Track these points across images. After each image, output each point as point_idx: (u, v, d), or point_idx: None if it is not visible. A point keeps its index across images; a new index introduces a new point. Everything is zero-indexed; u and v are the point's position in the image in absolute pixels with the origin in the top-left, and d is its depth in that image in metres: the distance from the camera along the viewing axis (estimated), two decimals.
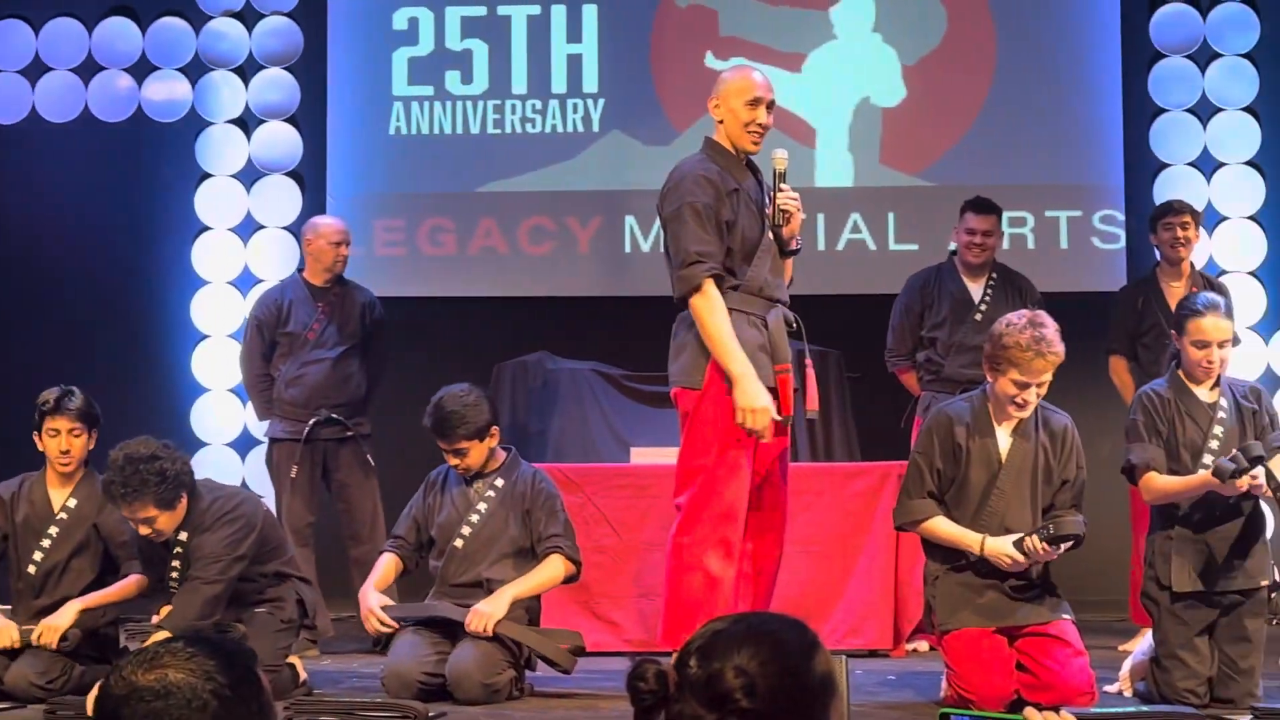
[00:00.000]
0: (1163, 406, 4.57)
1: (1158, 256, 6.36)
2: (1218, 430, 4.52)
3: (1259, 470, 4.25)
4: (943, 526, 4.43)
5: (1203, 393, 4.58)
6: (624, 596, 5.72)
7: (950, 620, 4.44)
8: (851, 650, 5.66)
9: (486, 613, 4.62)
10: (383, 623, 4.70)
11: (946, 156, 7.66)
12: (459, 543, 4.85)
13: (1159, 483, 4.49)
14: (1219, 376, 4.60)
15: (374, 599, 4.74)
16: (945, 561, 4.48)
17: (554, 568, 4.78)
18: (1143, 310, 6.22)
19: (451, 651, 4.67)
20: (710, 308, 4.36)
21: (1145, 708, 4.17)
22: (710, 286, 4.37)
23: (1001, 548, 4.32)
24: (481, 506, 4.88)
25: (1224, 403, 4.57)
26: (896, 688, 4.93)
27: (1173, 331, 4.73)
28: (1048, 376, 4.37)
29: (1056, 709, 3.85)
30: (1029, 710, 1.99)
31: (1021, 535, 4.34)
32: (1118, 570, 6.31)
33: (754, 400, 4.29)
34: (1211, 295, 4.75)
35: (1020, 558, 4.29)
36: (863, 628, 5.81)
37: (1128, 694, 4.65)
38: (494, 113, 7.65)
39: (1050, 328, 4.37)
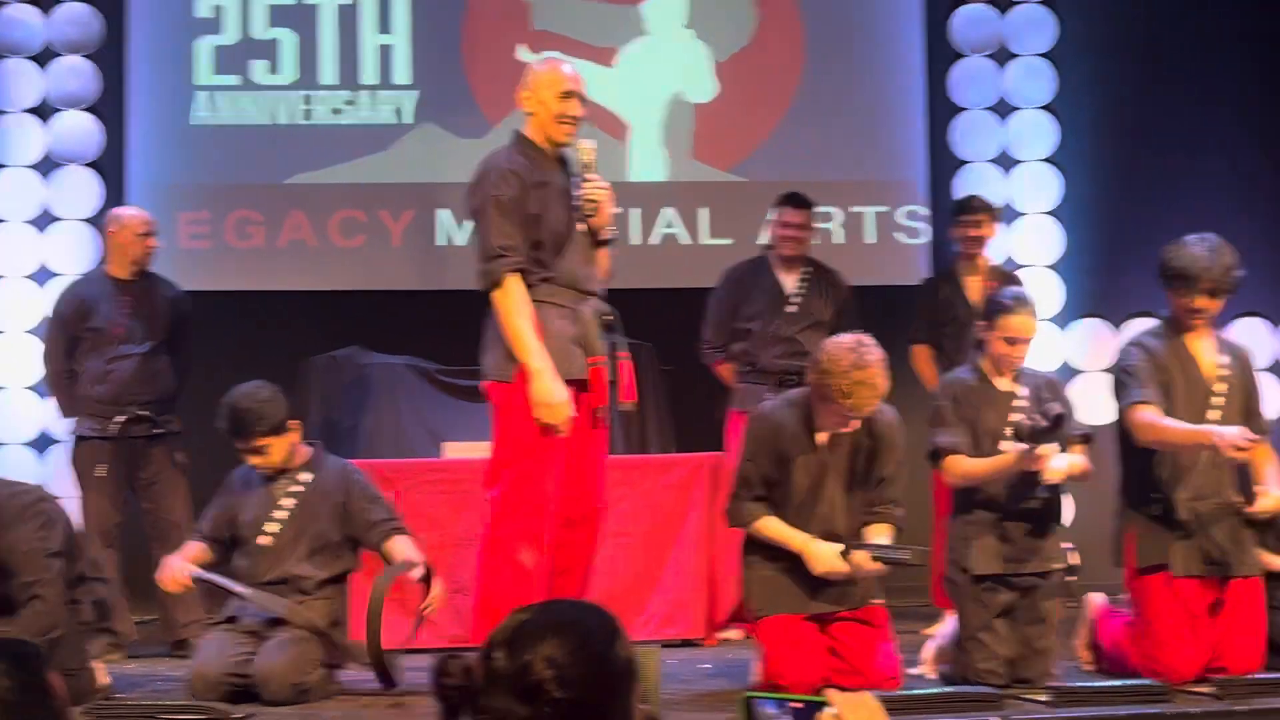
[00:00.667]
0: (966, 394, 4.70)
1: (957, 250, 6.55)
2: (1016, 419, 4.66)
3: (1048, 449, 4.40)
4: (770, 528, 4.48)
5: (1003, 383, 4.73)
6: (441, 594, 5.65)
7: (764, 607, 4.50)
8: (666, 640, 5.70)
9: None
10: (184, 580, 4.62)
11: (758, 152, 7.76)
12: (265, 540, 4.76)
13: (963, 465, 4.62)
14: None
15: (178, 560, 4.68)
16: (761, 550, 4.53)
17: (410, 547, 4.73)
18: (943, 302, 6.40)
19: (259, 651, 4.57)
20: (510, 302, 4.35)
21: (948, 689, 4.28)
22: (511, 281, 4.35)
23: (827, 557, 4.36)
24: (287, 503, 4.79)
25: (1023, 392, 4.71)
26: (710, 676, 4.98)
27: (981, 323, 4.83)
28: (872, 408, 4.42)
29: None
30: (830, 691, 2.02)
31: (849, 546, 4.39)
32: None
33: (550, 396, 4.29)
34: (1023, 291, 4.88)
35: (844, 569, 4.34)
36: (677, 617, 5.86)
37: (931, 677, 4.76)
38: (303, 103, 7.51)
39: (875, 364, 4.36)
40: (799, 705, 2.01)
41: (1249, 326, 7.97)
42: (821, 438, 4.51)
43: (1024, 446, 4.42)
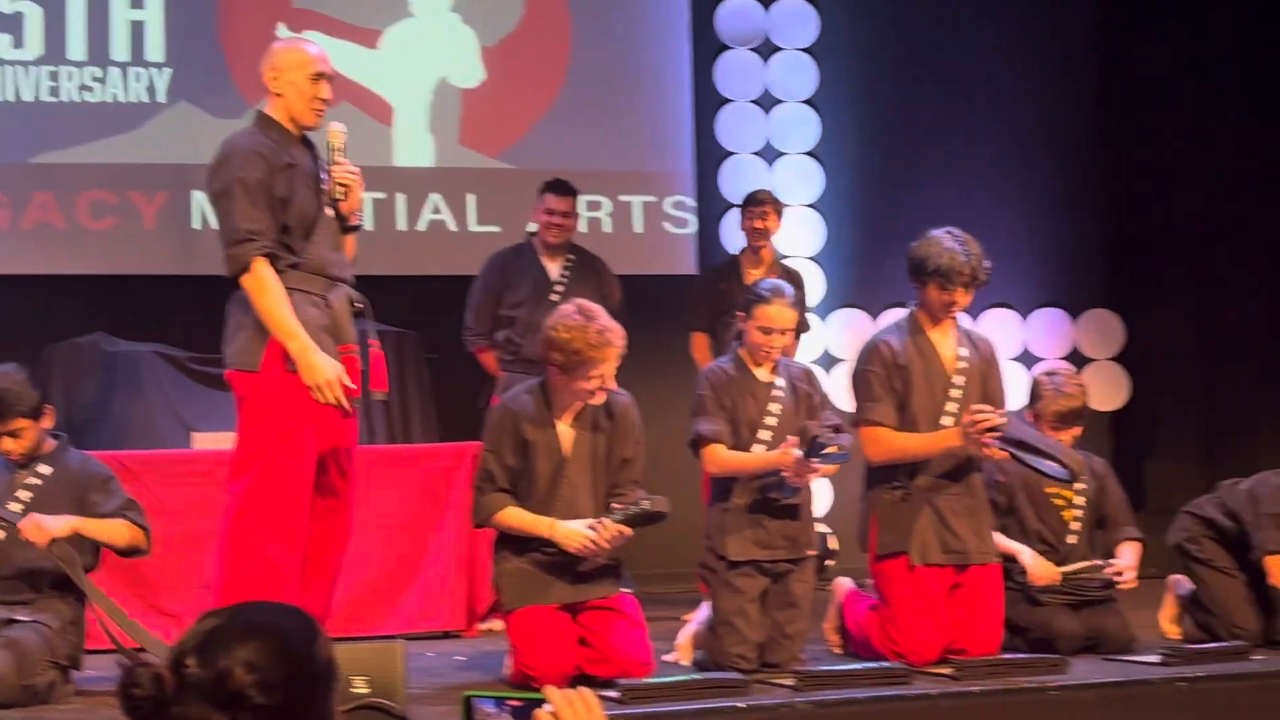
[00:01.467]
0: (726, 384, 4.74)
1: (744, 243, 6.65)
2: (775, 409, 4.73)
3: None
4: (513, 516, 4.45)
5: (761, 373, 4.78)
6: (186, 589, 5.47)
7: (515, 600, 4.47)
8: (425, 632, 5.64)
9: (43, 523, 4.37)
10: None
11: (526, 140, 7.72)
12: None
13: (722, 456, 4.66)
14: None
15: None
16: (511, 544, 4.51)
17: (121, 528, 4.56)
18: (723, 292, 6.47)
19: None
20: (262, 286, 4.22)
21: (696, 675, 4.31)
22: (260, 265, 4.22)
23: (575, 534, 4.36)
24: (24, 495, 4.57)
25: (780, 383, 4.78)
26: (464, 669, 4.93)
27: (740, 314, 4.88)
28: (615, 364, 4.43)
29: (611, 681, 3.96)
30: (548, 689, 2.00)
31: (594, 521, 4.39)
32: (688, 544, 6.51)
33: (322, 373, 4.18)
34: (778, 282, 4.92)
35: (589, 540, 4.34)
36: (437, 609, 5.79)
37: (685, 662, 4.80)
38: (49, 80, 7.18)
39: (601, 313, 4.42)
40: (517, 703, 2.00)
41: (999, 318, 8.25)
42: (561, 422, 4.50)
43: (798, 453, 4.48)
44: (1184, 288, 8.41)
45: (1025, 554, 4.98)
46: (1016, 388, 6.88)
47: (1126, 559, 5.06)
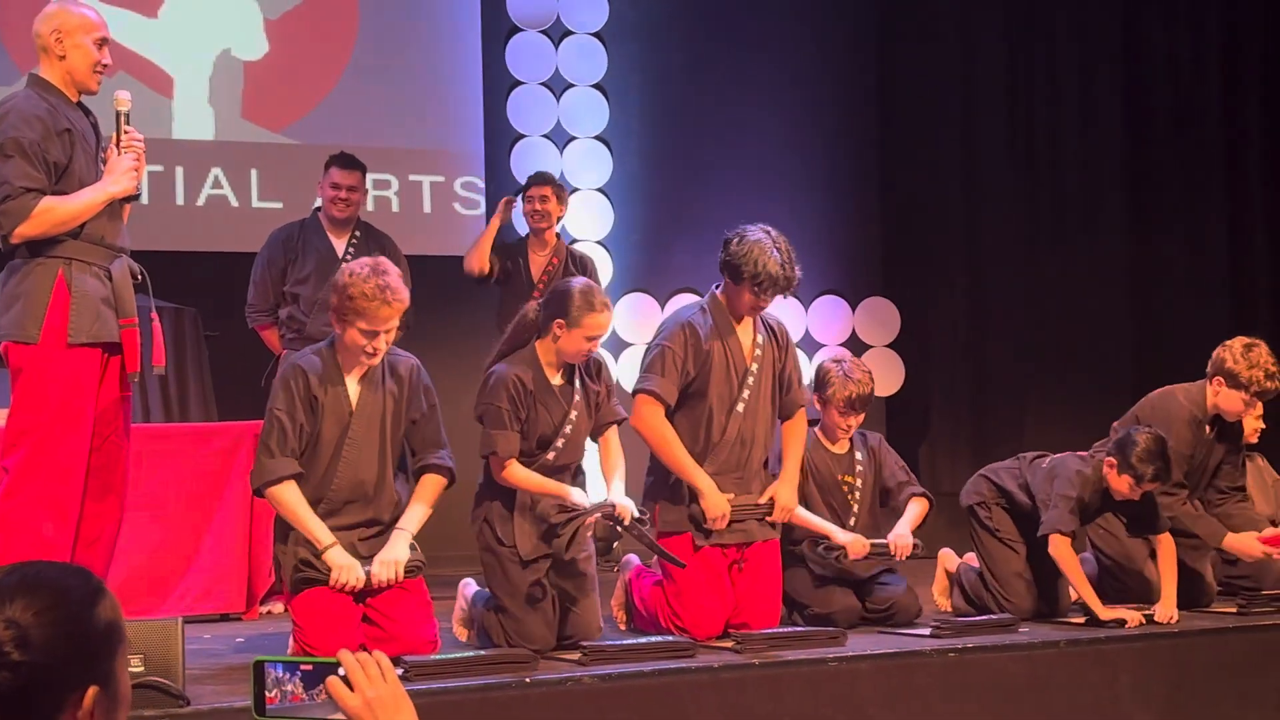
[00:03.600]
0: (524, 396, 4.59)
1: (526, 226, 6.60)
2: (572, 416, 4.63)
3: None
4: (293, 499, 4.31)
5: (558, 379, 4.68)
6: None
7: (299, 579, 4.38)
8: (203, 615, 5.51)
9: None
10: None
11: (312, 115, 7.60)
12: None
13: (520, 475, 4.52)
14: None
15: None
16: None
17: None
18: (507, 274, 6.44)
19: None
20: (47, 220, 4.08)
21: (484, 652, 4.30)
22: (37, 203, 4.07)
23: (347, 565, 4.25)
24: None
25: (577, 386, 4.70)
26: (243, 650, 4.83)
27: (559, 320, 4.59)
28: (395, 322, 4.37)
29: (397, 659, 3.92)
30: (342, 652, 1.98)
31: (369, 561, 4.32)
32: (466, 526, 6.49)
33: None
34: (594, 285, 4.72)
35: (357, 581, 4.26)
36: (215, 591, 5.66)
37: (463, 639, 4.77)
38: None
39: (394, 274, 4.35)
40: (308, 667, 1.96)
41: (781, 304, 8.40)
42: (349, 381, 4.43)
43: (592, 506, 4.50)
44: (955, 277, 8.73)
45: (838, 532, 5.11)
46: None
47: (906, 518, 5.24)
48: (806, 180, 8.47)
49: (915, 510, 5.29)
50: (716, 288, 4.96)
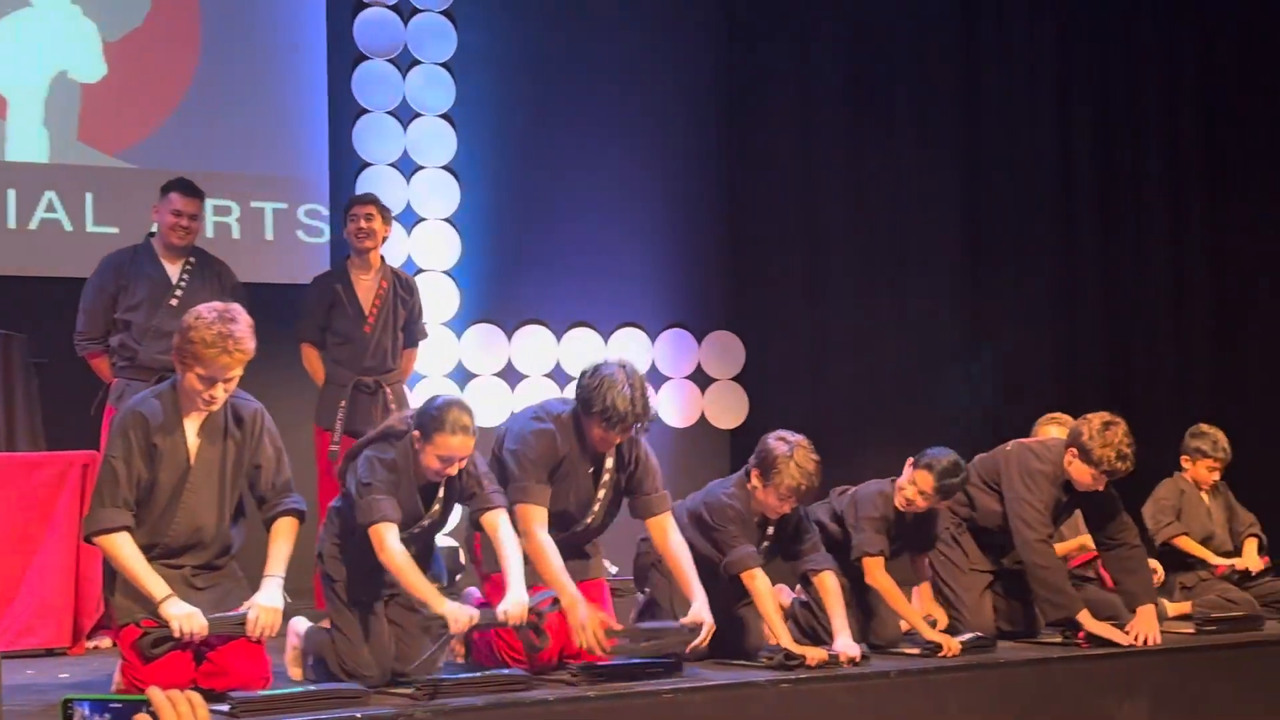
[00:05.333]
0: (397, 482, 4.49)
1: (349, 250, 6.50)
2: (435, 509, 4.63)
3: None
4: (126, 551, 4.17)
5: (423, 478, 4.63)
6: None
7: (128, 614, 4.27)
8: (26, 650, 5.34)
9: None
10: None
11: (151, 139, 7.46)
12: None
13: (391, 549, 4.38)
14: None
15: None
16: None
17: None
18: (332, 300, 6.36)
19: None
20: None
21: (315, 687, 4.23)
22: None
23: (182, 617, 4.10)
24: None
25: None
26: (68, 686, 4.70)
27: (417, 433, 4.45)
28: (237, 372, 4.27)
29: (227, 693, 3.85)
30: (151, 690, 1.94)
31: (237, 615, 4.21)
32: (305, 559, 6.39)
33: None
34: (458, 404, 4.50)
35: (196, 631, 4.14)
36: (39, 625, 5.48)
37: (296, 678, 4.68)
38: None
39: (241, 324, 4.22)
40: (118, 705, 1.93)
41: (629, 336, 8.47)
42: (189, 428, 4.33)
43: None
44: (797, 311, 8.86)
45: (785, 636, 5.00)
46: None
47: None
48: (654, 213, 8.54)
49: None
50: (568, 410, 4.85)
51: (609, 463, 4.86)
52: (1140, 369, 9.47)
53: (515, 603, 4.38)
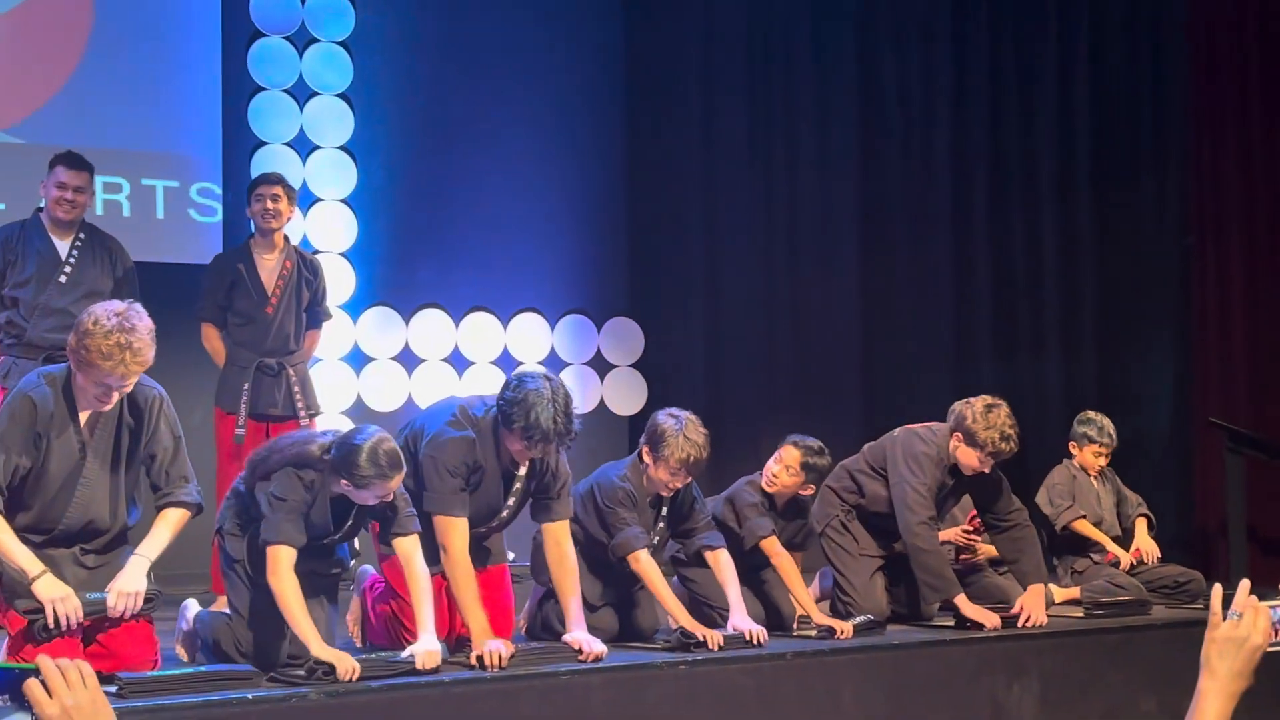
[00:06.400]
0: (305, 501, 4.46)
1: (252, 228, 6.40)
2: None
3: None
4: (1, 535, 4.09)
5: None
6: None
7: (14, 596, 4.18)
8: None
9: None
10: None
11: (38, 114, 7.29)
12: None
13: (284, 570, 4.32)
14: None
15: None
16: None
17: None
18: (233, 279, 6.25)
19: None
20: None
21: (206, 669, 4.16)
22: None
23: (58, 598, 4.03)
24: None
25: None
26: None
27: (345, 481, 4.30)
28: (131, 380, 4.17)
29: (114, 675, 3.77)
30: (41, 658, 1.91)
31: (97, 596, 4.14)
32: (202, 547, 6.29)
33: None
34: (391, 459, 4.32)
35: (71, 612, 4.06)
36: None
37: (185, 660, 4.61)
38: None
39: (141, 331, 4.09)
40: (7, 673, 1.89)
41: (528, 322, 8.44)
42: (82, 418, 4.23)
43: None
44: (695, 297, 8.88)
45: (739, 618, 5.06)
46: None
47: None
48: (554, 198, 8.51)
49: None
50: (490, 412, 4.75)
51: (521, 470, 4.82)
52: (1027, 356, 9.59)
53: (428, 652, 4.27)
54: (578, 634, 4.61)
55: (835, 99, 9.24)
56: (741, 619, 5.00)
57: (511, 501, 4.84)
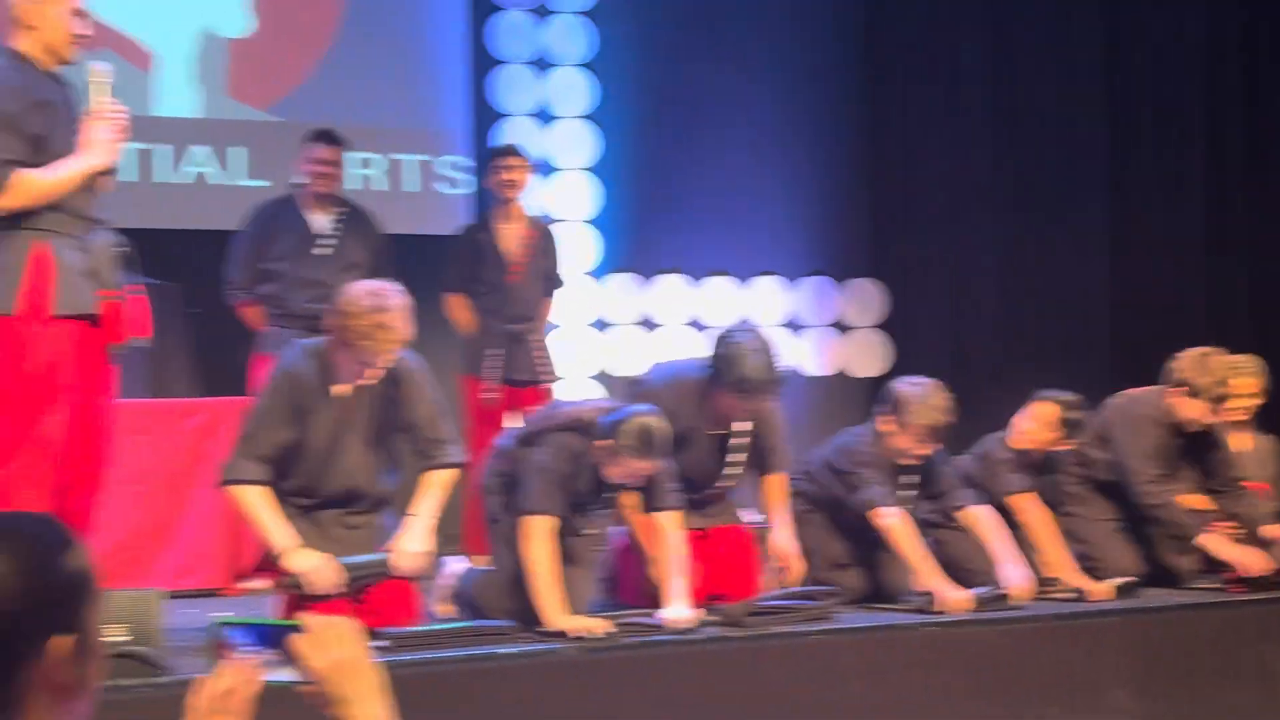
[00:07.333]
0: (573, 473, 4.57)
1: (492, 200, 6.56)
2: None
3: None
4: (256, 502, 4.27)
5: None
6: None
7: (281, 574, 4.37)
8: (183, 590, 5.49)
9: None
10: None
11: (297, 93, 7.57)
12: None
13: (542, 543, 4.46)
14: None
15: None
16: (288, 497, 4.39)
17: None
18: (477, 250, 6.42)
19: None
20: (23, 192, 4.04)
21: (467, 624, 4.29)
22: (15, 176, 4.03)
23: (312, 570, 4.20)
24: None
25: None
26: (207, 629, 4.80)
27: (607, 441, 4.41)
28: (393, 353, 4.32)
29: (380, 631, 3.91)
30: (305, 615, 1.98)
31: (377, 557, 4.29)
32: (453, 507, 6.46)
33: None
34: (646, 434, 4.39)
35: (327, 585, 4.20)
36: (196, 567, 5.65)
37: (447, 613, 4.76)
38: None
39: (394, 309, 4.21)
40: (268, 628, 1.93)
41: (767, 285, 8.44)
42: (341, 389, 4.40)
43: None
44: (940, 256, 8.73)
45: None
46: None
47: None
48: (794, 159, 8.46)
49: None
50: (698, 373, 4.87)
51: (741, 427, 4.84)
52: None
53: (679, 618, 4.34)
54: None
55: (1079, 57, 8.94)
56: (1012, 569, 4.91)
57: (733, 459, 4.85)
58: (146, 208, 7.02)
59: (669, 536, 4.51)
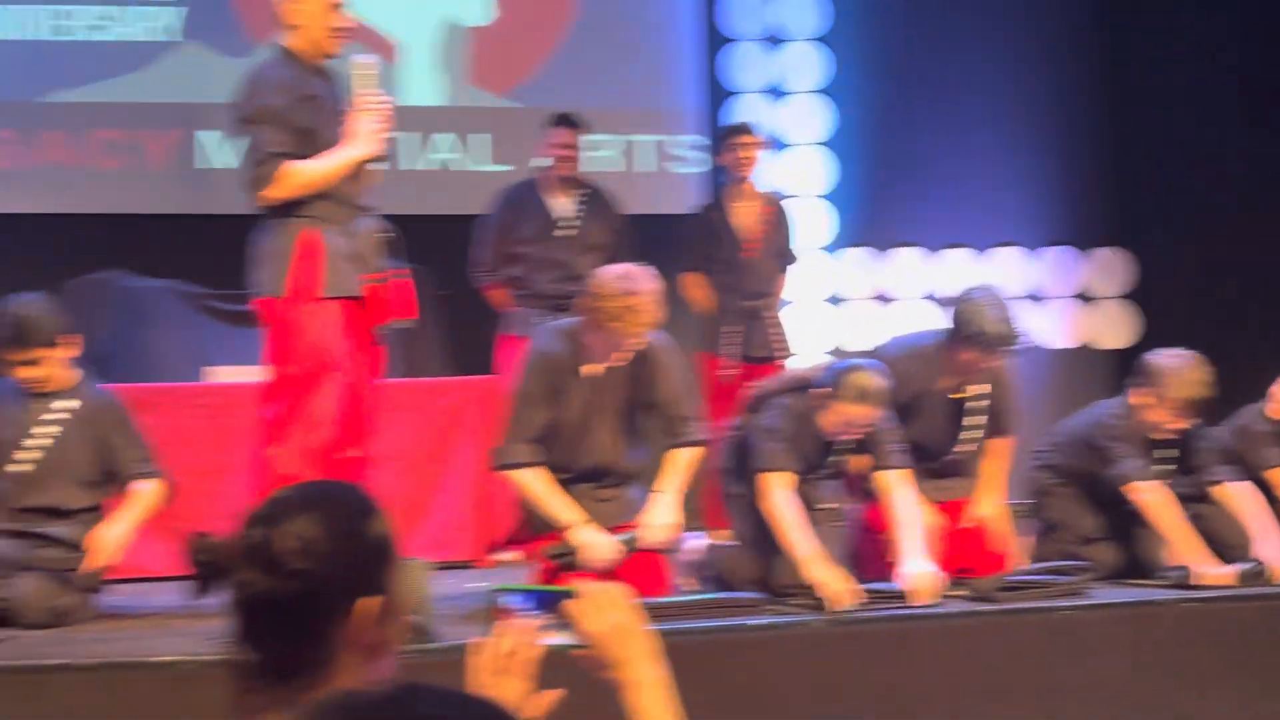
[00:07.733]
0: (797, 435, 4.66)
1: (726, 178, 6.61)
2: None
3: None
4: (535, 483, 4.43)
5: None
6: (205, 518, 5.51)
7: (541, 527, 4.51)
8: (438, 563, 5.68)
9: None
10: None
11: (534, 78, 7.72)
12: (28, 467, 4.54)
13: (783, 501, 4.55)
14: None
15: None
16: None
17: (153, 496, 4.60)
18: (712, 229, 6.47)
19: (12, 577, 4.40)
20: (293, 182, 4.24)
21: (713, 594, 4.36)
22: (284, 168, 4.23)
23: (593, 544, 4.32)
24: (49, 429, 4.59)
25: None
26: (481, 593, 4.97)
27: (824, 389, 4.53)
28: (642, 336, 4.39)
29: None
30: (580, 582, 2.04)
31: (627, 536, 4.39)
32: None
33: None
34: (868, 387, 4.47)
35: (606, 559, 4.32)
36: (449, 540, 5.83)
37: (692, 586, 4.83)
38: (59, 18, 7.18)
39: (644, 291, 4.31)
40: (546, 594, 2.00)
41: (1007, 255, 8.28)
42: (592, 369, 4.50)
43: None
44: (1192, 225, 8.43)
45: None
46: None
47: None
48: (1033, 124, 8.28)
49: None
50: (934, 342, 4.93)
51: (978, 390, 4.81)
52: None
53: (920, 575, 4.35)
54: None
55: None
56: (1272, 546, 4.73)
57: (970, 422, 4.80)
58: (396, 194, 7.25)
59: (899, 494, 4.53)
